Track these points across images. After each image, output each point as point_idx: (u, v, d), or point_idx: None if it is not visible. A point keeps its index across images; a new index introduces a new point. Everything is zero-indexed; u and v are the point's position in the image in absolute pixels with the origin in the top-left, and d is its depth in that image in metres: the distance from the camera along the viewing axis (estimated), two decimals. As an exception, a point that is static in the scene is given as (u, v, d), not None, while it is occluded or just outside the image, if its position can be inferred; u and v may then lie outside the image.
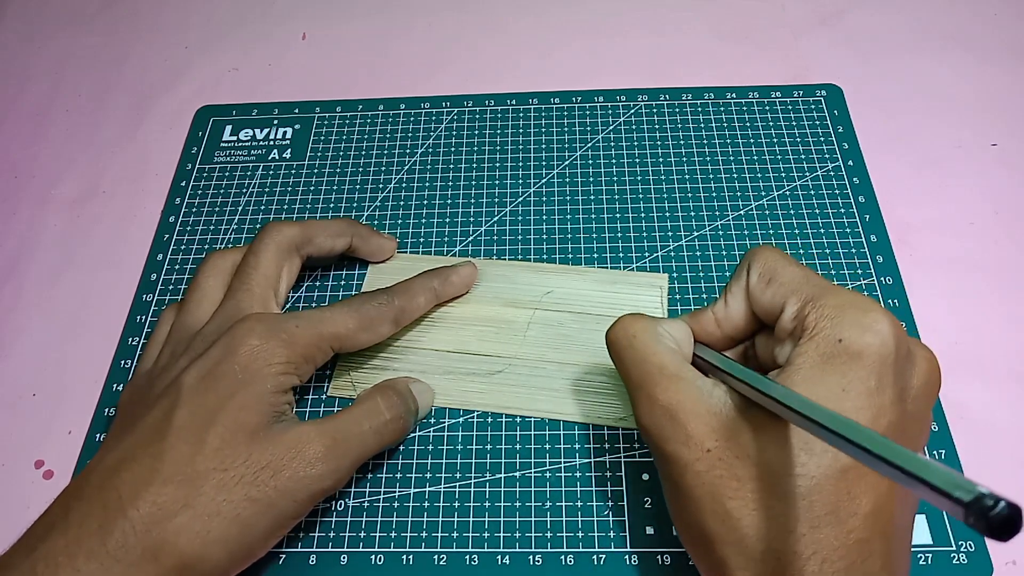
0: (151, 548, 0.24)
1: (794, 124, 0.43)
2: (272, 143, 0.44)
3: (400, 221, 0.40)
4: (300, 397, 0.34)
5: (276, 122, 0.45)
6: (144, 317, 0.38)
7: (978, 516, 0.14)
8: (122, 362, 0.37)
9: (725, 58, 0.47)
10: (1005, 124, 0.43)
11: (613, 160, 0.42)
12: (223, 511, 0.25)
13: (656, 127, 0.43)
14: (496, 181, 0.41)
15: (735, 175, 0.41)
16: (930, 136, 0.42)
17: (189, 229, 0.41)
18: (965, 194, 0.40)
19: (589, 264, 0.38)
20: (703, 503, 0.23)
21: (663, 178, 0.41)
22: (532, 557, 0.30)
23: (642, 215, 0.39)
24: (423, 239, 0.40)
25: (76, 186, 0.44)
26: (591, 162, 0.42)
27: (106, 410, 0.35)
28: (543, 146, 0.43)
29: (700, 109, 0.44)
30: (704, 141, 0.42)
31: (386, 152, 0.43)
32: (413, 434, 0.33)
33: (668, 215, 0.39)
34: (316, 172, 0.43)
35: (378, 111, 0.45)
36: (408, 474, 0.32)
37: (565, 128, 0.43)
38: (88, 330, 0.38)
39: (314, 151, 0.44)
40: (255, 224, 0.41)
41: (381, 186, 0.42)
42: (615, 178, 0.41)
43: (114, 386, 0.36)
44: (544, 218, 0.40)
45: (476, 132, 0.44)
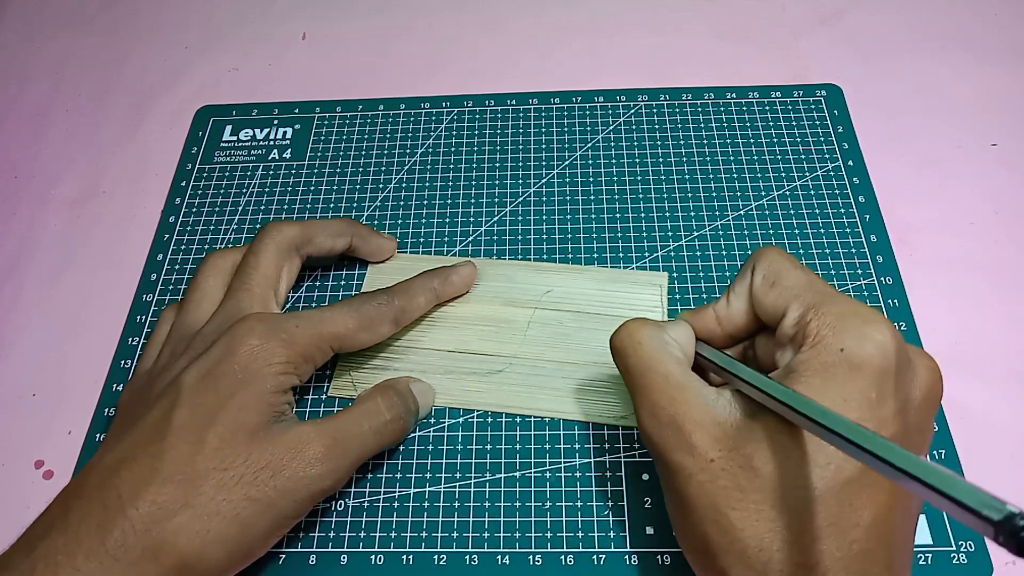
0: (151, 547, 0.24)
1: (794, 124, 0.43)
2: (272, 143, 0.44)
3: (400, 221, 0.40)
4: (300, 397, 0.34)
5: (276, 122, 0.45)
6: (144, 317, 0.38)
7: (1009, 535, 0.13)
8: (122, 362, 0.37)
9: (725, 58, 0.47)
10: (1005, 124, 0.43)
11: (613, 160, 0.42)
12: (223, 511, 0.25)
13: (656, 127, 0.43)
14: (496, 181, 0.41)
15: (735, 175, 0.41)
16: (930, 136, 0.42)
17: (189, 229, 0.41)
18: (965, 194, 0.40)
19: (589, 264, 0.38)
20: (705, 513, 0.23)
21: (663, 178, 0.41)
22: (532, 557, 0.30)
23: (642, 215, 0.39)
24: (423, 239, 0.39)
25: (76, 186, 0.44)
26: (591, 162, 0.42)
27: (106, 410, 0.35)
28: (543, 146, 0.43)
29: (700, 109, 0.44)
30: (704, 141, 0.42)
31: (386, 152, 0.43)
32: (413, 434, 0.33)
33: (668, 215, 0.39)
34: (316, 172, 0.43)
35: (378, 111, 0.45)
36: (408, 474, 0.32)
37: (565, 128, 0.43)
38: (88, 330, 0.38)
39: (314, 151, 0.44)
40: (255, 224, 0.41)
41: (381, 186, 0.42)
42: (615, 178, 0.41)
43: (114, 386, 0.36)
44: (544, 218, 0.40)
45: (476, 132, 0.44)
